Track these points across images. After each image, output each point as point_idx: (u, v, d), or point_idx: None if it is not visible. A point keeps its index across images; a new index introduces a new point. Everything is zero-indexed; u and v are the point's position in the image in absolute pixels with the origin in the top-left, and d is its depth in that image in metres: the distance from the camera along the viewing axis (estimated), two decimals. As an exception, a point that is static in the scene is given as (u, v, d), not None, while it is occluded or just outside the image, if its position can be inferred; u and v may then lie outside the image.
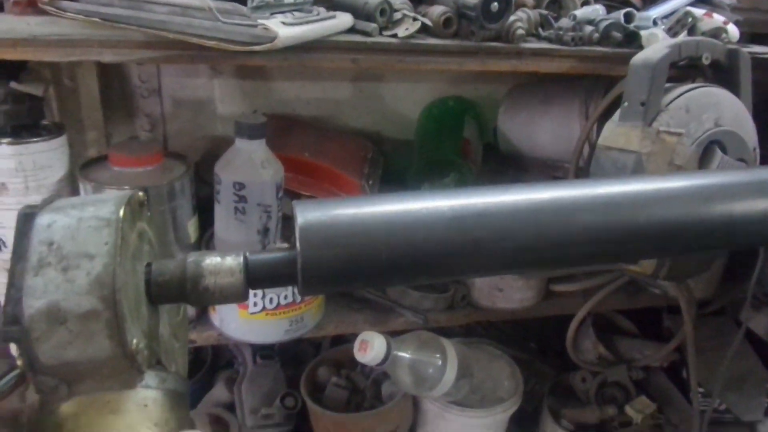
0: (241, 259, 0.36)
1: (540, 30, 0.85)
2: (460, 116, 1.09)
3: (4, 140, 0.72)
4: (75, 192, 0.79)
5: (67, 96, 0.95)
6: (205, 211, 0.87)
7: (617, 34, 0.84)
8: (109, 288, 0.30)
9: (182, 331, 0.43)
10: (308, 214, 0.36)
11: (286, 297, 0.84)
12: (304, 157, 0.90)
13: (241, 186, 0.79)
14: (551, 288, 1.06)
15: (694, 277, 1.01)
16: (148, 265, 0.35)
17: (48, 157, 0.75)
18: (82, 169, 0.78)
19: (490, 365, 1.01)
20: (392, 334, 0.88)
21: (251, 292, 0.83)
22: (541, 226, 0.38)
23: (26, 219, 0.32)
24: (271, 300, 0.83)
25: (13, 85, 0.72)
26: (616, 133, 0.78)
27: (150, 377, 0.32)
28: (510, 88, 1.13)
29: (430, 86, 1.13)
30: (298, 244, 0.35)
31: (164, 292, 0.35)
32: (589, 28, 0.83)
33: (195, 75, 1.01)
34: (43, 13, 0.69)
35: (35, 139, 0.74)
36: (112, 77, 0.97)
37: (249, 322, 0.84)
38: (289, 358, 1.08)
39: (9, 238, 0.76)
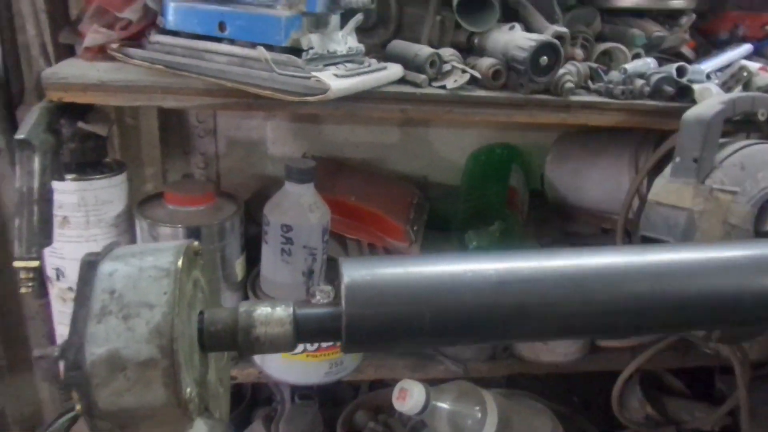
0: (291, 310, 0.36)
1: (590, 83, 0.84)
2: (506, 164, 1.08)
3: (69, 176, 0.75)
4: (132, 226, 0.82)
5: (128, 133, 1.00)
6: (252, 249, 0.89)
7: (669, 88, 0.83)
8: (167, 337, 0.31)
9: (226, 375, 0.44)
10: (354, 273, 0.36)
11: (326, 339, 0.84)
12: (350, 200, 0.91)
13: (288, 228, 0.80)
14: (597, 343, 1.03)
15: (749, 341, 0.96)
16: (201, 313, 0.36)
17: (109, 193, 0.78)
18: (139, 207, 0.81)
19: (531, 420, 0.98)
20: (431, 382, 0.87)
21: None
22: (588, 294, 0.37)
23: (89, 267, 0.34)
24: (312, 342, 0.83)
25: (80, 125, 0.76)
26: (667, 189, 0.76)
27: (199, 426, 0.33)
28: (558, 136, 1.13)
29: (477, 133, 1.14)
30: (343, 303, 0.35)
31: (216, 340, 0.36)
32: (640, 82, 0.82)
33: (249, 117, 1.05)
34: (112, 59, 0.74)
35: (98, 176, 0.77)
36: (171, 117, 1.02)
37: (290, 362, 0.85)
38: (328, 399, 1.08)
39: (68, 268, 0.79)
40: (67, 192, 0.76)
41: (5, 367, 0.96)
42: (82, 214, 0.77)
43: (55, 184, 0.66)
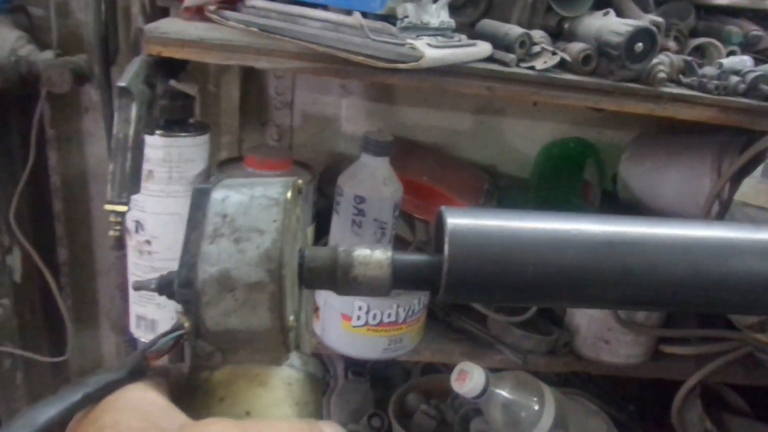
0: (389, 254, 0.36)
1: (681, 77, 0.82)
2: (581, 158, 1.06)
3: (158, 132, 0.78)
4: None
5: (209, 101, 1.02)
6: (320, 222, 0.90)
7: (766, 87, 0.79)
8: (276, 263, 0.31)
9: (311, 324, 0.45)
10: (458, 220, 0.36)
11: (389, 315, 0.84)
12: (422, 180, 0.91)
13: (361, 200, 0.81)
14: (661, 349, 0.99)
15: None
16: (300, 250, 0.37)
17: (192, 152, 0.81)
18: (219, 167, 0.83)
19: (586, 420, 0.96)
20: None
21: (358, 303, 0.84)
22: (697, 265, 0.36)
23: (201, 193, 0.34)
24: (374, 316, 0.84)
25: (172, 83, 0.78)
26: (757, 189, 0.74)
27: (294, 358, 0.33)
28: (635, 135, 1.10)
29: (551, 126, 1.12)
30: (446, 248, 0.35)
31: (315, 277, 0.36)
32: (735, 79, 0.79)
33: (326, 92, 1.06)
34: (208, 20, 0.76)
35: (183, 134, 0.80)
36: (251, 87, 1.04)
37: (350, 334, 0.85)
38: (379, 379, 1.08)
39: (147, 221, 0.82)
40: (154, 147, 0.78)
41: (73, 321, 1.00)
42: (166, 169, 0.80)
43: (145, 138, 0.69)
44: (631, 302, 0.38)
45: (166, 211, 0.82)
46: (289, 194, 0.34)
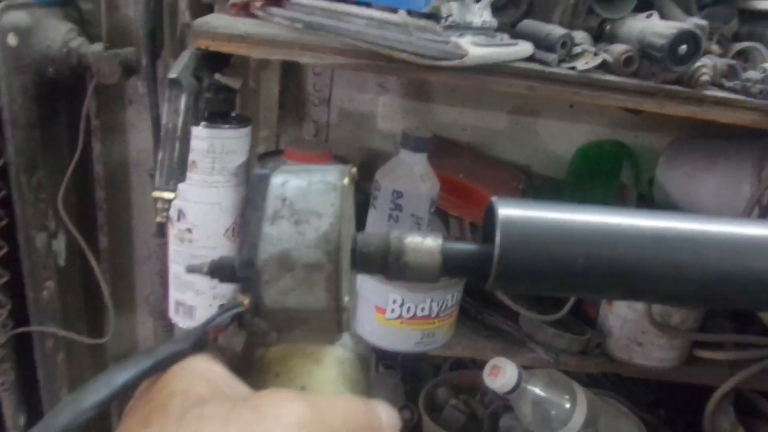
0: (440, 242, 0.37)
1: (724, 80, 0.81)
2: (617, 161, 1.06)
3: (202, 123, 0.80)
4: (249, 178, 0.86)
5: (249, 96, 1.04)
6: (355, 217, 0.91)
7: (811, 92, 0.78)
8: (333, 245, 0.32)
9: (355, 309, 0.46)
10: (510, 210, 0.37)
11: (423, 309, 0.85)
12: (458, 178, 0.92)
13: (398, 195, 0.82)
14: (695, 353, 0.99)
15: None
16: (353, 236, 0.38)
17: (234, 144, 0.82)
18: (260, 160, 0.85)
19: (617, 422, 0.96)
20: (520, 368, 0.86)
21: (393, 297, 0.84)
22: (748, 262, 0.36)
23: (261, 178, 0.36)
24: (408, 309, 0.85)
25: (217, 77, 0.80)
26: (800, 194, 0.73)
27: (346, 338, 0.34)
28: (672, 139, 1.09)
29: (587, 128, 1.12)
30: (498, 237, 0.36)
31: (367, 262, 0.37)
32: (779, 83, 0.78)
33: (363, 90, 1.07)
34: (254, 17, 0.78)
35: (227, 126, 0.82)
36: (290, 84, 1.06)
37: (384, 327, 0.86)
38: (409, 373, 1.09)
39: (189, 210, 0.84)
40: (198, 138, 0.80)
41: (113, 307, 1.03)
42: (209, 160, 0.82)
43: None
44: (680, 298, 0.38)
45: (207, 201, 0.84)
46: (345, 180, 0.35)
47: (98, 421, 0.23)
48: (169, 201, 0.68)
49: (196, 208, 0.84)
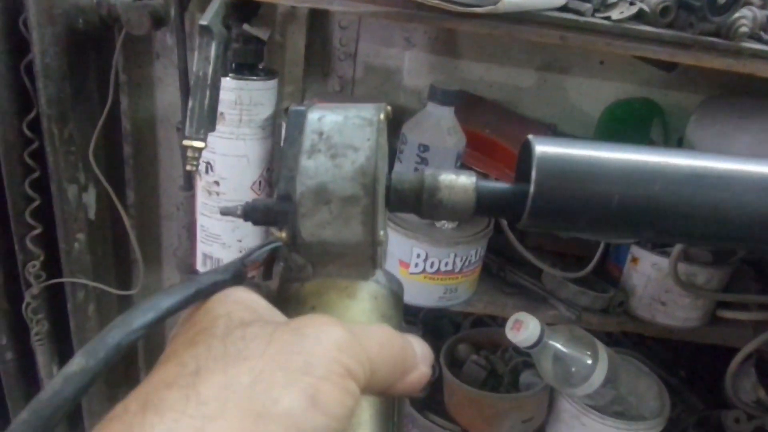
0: (474, 179, 0.37)
1: (762, 33, 0.79)
2: (646, 119, 1.04)
3: (230, 74, 0.80)
4: (278, 132, 0.86)
5: (275, 50, 1.04)
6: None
7: None
8: (370, 178, 0.32)
9: (386, 253, 0.46)
10: (546, 147, 0.37)
11: (446, 264, 0.86)
12: (484, 133, 0.91)
13: (425, 148, 0.82)
14: (718, 313, 0.98)
15: None
16: (386, 174, 0.38)
17: (261, 96, 0.83)
18: (286, 113, 0.85)
19: (637, 380, 0.97)
20: (542, 324, 0.87)
21: (416, 251, 0.85)
22: (788, 200, 0.36)
23: (297, 114, 0.36)
24: (432, 264, 0.85)
25: (245, 27, 0.80)
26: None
27: (380, 275, 0.34)
28: (704, 98, 1.07)
29: (616, 86, 1.09)
30: (533, 173, 0.36)
31: (401, 199, 0.37)
32: (821, 36, 0.76)
33: (389, 44, 1.06)
34: (282, -35, 0.77)
35: (254, 78, 0.82)
36: (315, 38, 1.05)
37: (407, 281, 0.87)
38: (430, 330, 1.10)
39: (217, 162, 0.85)
40: (226, 89, 0.80)
41: (141, 261, 1.05)
42: (237, 112, 0.82)
43: (219, 79, 0.71)
44: (717, 238, 0.38)
45: (234, 153, 0.85)
46: (381, 116, 0.35)
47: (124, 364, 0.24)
48: (200, 150, 0.69)
49: (223, 160, 0.85)
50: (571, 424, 0.95)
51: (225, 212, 0.39)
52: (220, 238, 0.91)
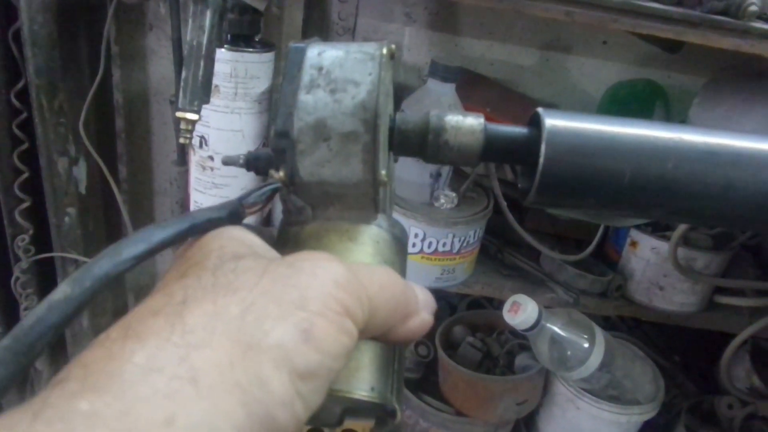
0: (482, 120, 0.35)
1: (771, 13, 0.77)
2: (649, 101, 1.02)
3: (225, 46, 0.78)
4: (274, 107, 0.84)
5: (272, 23, 1.01)
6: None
7: None
8: (371, 113, 0.30)
9: (392, 206, 0.44)
10: (556, 121, 0.35)
11: (444, 244, 0.84)
12: (485, 111, 0.89)
13: (425, 126, 0.80)
14: (716, 299, 0.98)
15: None
16: (390, 115, 0.36)
17: (258, 69, 0.80)
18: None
19: (632, 364, 0.96)
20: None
21: (414, 230, 0.83)
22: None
23: (297, 50, 0.34)
24: (430, 244, 0.84)
25: (242, -4, 0.78)
26: None
27: (382, 219, 0.33)
28: (707, 80, 1.05)
29: (619, 66, 1.08)
30: (543, 147, 0.34)
31: (405, 141, 0.35)
32: (832, 18, 0.74)
33: (389, 20, 1.04)
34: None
35: (250, 50, 0.79)
36: (314, 11, 1.02)
37: (404, 261, 0.86)
38: (425, 311, 1.09)
39: (211, 137, 0.83)
40: (221, 61, 0.78)
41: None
42: (232, 85, 0.80)
43: (215, 50, 0.68)
44: (730, 219, 0.37)
45: (229, 128, 0.83)
46: (384, 50, 0.33)
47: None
48: (193, 122, 0.67)
49: (218, 134, 0.83)
50: (566, 407, 0.95)
51: (227, 161, 0.37)
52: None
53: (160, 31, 1.05)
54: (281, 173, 0.31)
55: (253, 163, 0.34)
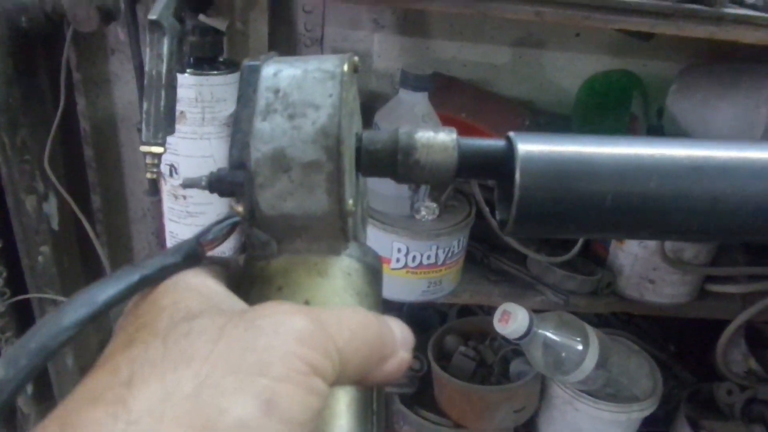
0: (455, 136, 0.33)
1: (743, -3, 0.76)
2: (626, 91, 1.01)
3: (188, 70, 0.75)
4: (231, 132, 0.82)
5: (237, 39, 0.98)
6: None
7: (838, 7, 0.73)
8: (333, 139, 0.28)
9: (366, 218, 0.42)
10: (530, 145, 0.33)
11: (429, 257, 0.82)
12: (460, 117, 0.88)
13: (400, 138, 0.78)
14: (707, 288, 0.97)
15: None
16: (357, 133, 0.33)
17: (224, 91, 0.78)
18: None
19: (628, 360, 0.95)
20: (530, 311, 0.84)
21: (397, 245, 0.81)
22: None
23: (252, 69, 0.31)
24: (414, 258, 0.82)
25: (201, 18, 0.75)
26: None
27: (353, 248, 0.31)
28: (685, 66, 1.04)
29: (593, 58, 1.06)
30: (517, 176, 0.32)
31: (374, 161, 0.33)
32: (803, -2, 0.73)
33: (357, 27, 1.01)
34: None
35: (215, 72, 0.77)
36: (280, 24, 1.00)
37: (389, 277, 0.84)
38: (415, 322, 1.07)
39: (181, 165, 0.80)
40: (185, 86, 0.75)
41: (110, 270, 1.01)
42: (198, 110, 0.77)
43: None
44: (719, 233, 0.35)
45: (199, 154, 0.80)
46: (345, 67, 0.30)
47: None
48: (159, 155, 0.64)
49: (188, 162, 0.81)
50: (564, 410, 0.93)
51: (188, 184, 0.35)
52: (191, 242, 0.86)
53: (122, 54, 1.02)
54: (240, 208, 0.29)
55: (216, 185, 0.31)
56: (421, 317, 1.11)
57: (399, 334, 0.26)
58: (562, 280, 0.90)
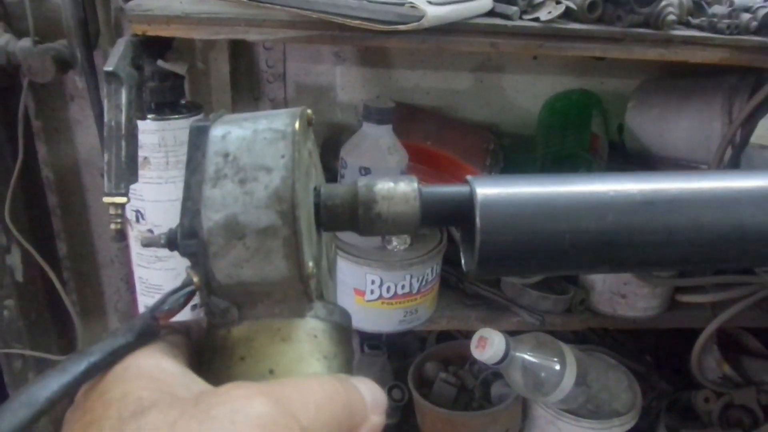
0: (416, 185, 0.33)
1: (690, 18, 0.79)
2: (586, 110, 1.03)
3: (149, 116, 0.74)
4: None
5: (198, 79, 0.99)
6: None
7: (778, 24, 0.76)
8: (288, 203, 0.27)
9: (334, 271, 0.41)
10: (487, 190, 0.33)
11: (403, 287, 0.82)
12: (426, 145, 0.89)
13: (366, 171, 0.78)
14: (677, 299, 0.99)
15: None
16: (316, 188, 0.33)
17: (187, 134, 0.77)
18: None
19: (606, 375, 0.96)
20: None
21: (371, 277, 0.81)
22: (745, 218, 0.34)
23: (199, 131, 0.30)
24: (388, 289, 0.82)
25: (160, 63, 0.75)
26: (776, 130, 0.71)
27: (318, 308, 0.30)
28: (641, 82, 1.07)
29: (552, 79, 1.08)
30: (478, 221, 0.33)
31: (334, 217, 0.32)
32: (746, 16, 0.76)
33: (319, 61, 1.02)
34: (192, -7, 0.72)
35: (176, 116, 0.76)
36: (241, 61, 1.00)
37: (364, 309, 0.83)
38: (395, 350, 1.07)
39: (147, 210, 0.79)
40: (147, 132, 0.75)
41: (80, 314, 0.99)
42: (162, 154, 0.77)
43: (138, 124, 0.65)
44: (676, 263, 0.36)
45: (165, 198, 0.79)
46: (297, 125, 0.30)
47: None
48: (122, 205, 0.63)
49: (154, 207, 0.80)
50: (547, 429, 0.94)
51: (147, 243, 0.33)
52: (162, 288, 0.85)
53: (82, 100, 1.01)
54: (196, 278, 0.28)
55: (174, 242, 0.30)
56: (400, 344, 1.10)
57: (369, 397, 0.25)
58: (537, 300, 0.91)
